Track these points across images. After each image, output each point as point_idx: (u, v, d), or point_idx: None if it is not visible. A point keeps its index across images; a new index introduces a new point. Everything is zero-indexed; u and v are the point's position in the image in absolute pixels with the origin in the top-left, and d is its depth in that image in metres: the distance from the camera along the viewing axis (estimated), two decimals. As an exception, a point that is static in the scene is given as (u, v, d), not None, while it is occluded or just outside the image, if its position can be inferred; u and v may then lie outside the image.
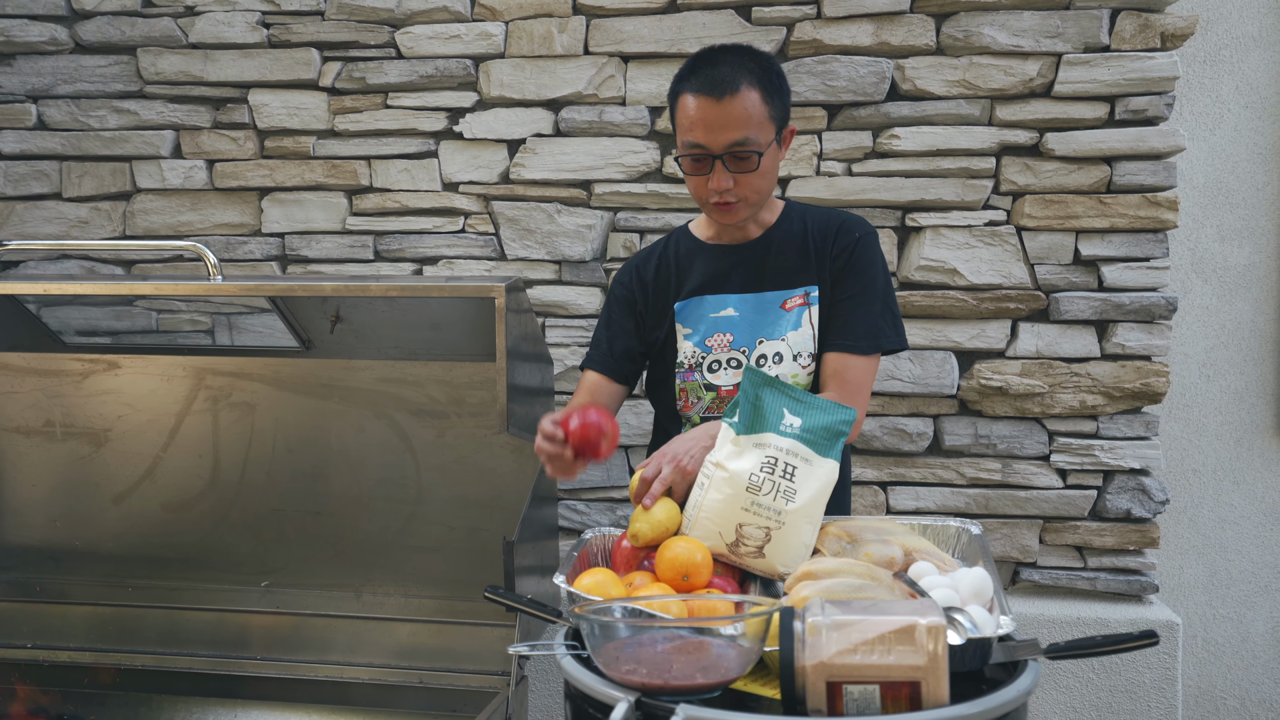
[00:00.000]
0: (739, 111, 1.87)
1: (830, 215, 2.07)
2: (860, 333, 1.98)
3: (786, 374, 1.99)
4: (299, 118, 2.94)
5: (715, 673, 1.33)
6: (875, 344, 1.99)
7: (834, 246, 2.02)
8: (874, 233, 2.04)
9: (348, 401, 2.47)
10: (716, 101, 1.87)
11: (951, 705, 1.29)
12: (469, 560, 2.42)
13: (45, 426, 2.61)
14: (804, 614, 1.34)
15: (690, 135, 1.91)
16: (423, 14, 2.86)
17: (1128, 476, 2.74)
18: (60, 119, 3.03)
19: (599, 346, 2.14)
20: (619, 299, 2.14)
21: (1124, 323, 2.71)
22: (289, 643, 2.46)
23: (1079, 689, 2.75)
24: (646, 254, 2.15)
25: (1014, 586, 2.83)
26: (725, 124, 1.87)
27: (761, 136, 1.90)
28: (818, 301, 2.01)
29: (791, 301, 2.01)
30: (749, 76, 1.89)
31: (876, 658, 1.30)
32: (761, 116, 1.90)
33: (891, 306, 2.03)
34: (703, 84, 1.88)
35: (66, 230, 3.04)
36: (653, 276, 2.11)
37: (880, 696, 1.29)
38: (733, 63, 1.89)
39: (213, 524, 2.57)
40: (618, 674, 1.34)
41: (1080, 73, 2.66)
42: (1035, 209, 2.71)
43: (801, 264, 2.02)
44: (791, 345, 1.99)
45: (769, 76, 1.92)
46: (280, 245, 2.99)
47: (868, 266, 2.01)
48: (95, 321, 2.97)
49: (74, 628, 2.51)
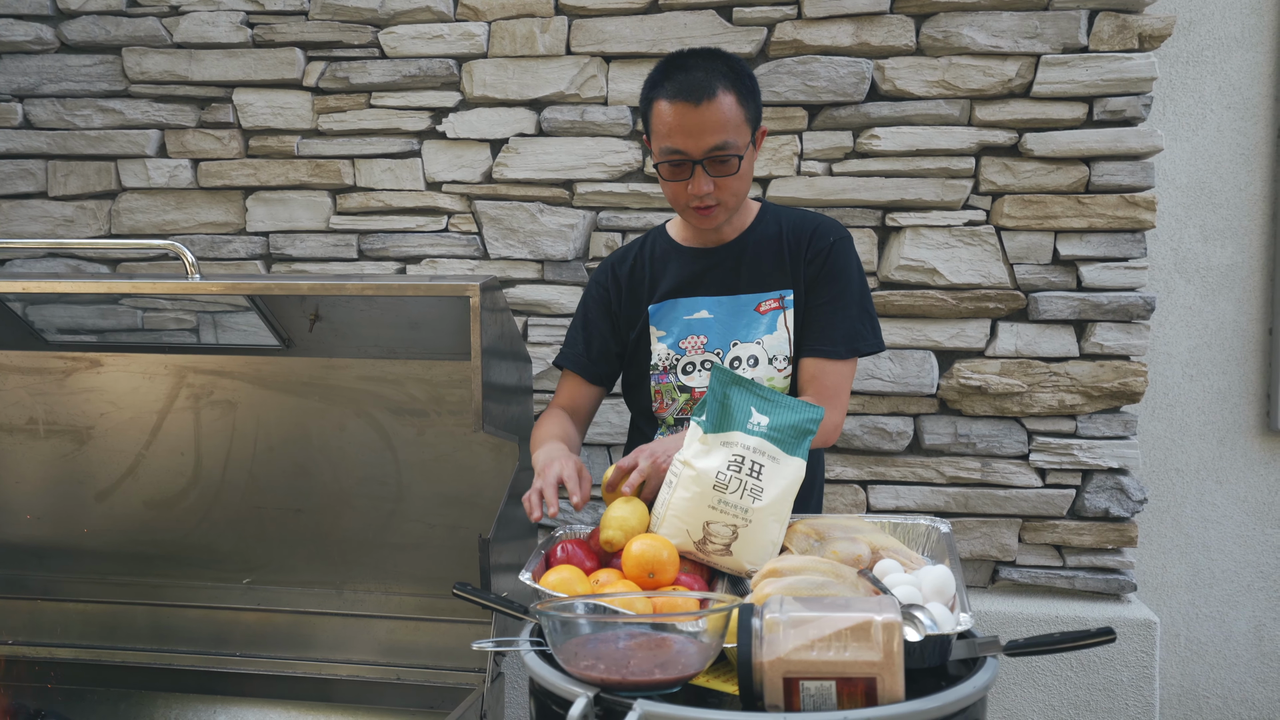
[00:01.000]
0: (717, 116, 1.88)
1: (805, 218, 2.08)
2: (837, 337, 2.00)
3: (762, 377, 2.00)
4: (283, 117, 2.95)
5: (674, 669, 1.34)
6: (853, 348, 2.01)
7: (809, 250, 2.03)
8: (848, 236, 2.06)
9: (328, 400, 2.48)
10: (695, 107, 1.88)
11: (907, 701, 1.30)
12: (449, 558, 2.43)
13: (29, 424, 2.63)
14: (762, 611, 1.36)
15: (669, 141, 1.91)
16: (406, 14, 2.88)
17: (1106, 476, 2.76)
18: (46, 118, 3.04)
19: (574, 346, 2.16)
20: (595, 298, 2.15)
21: (1102, 322, 2.72)
22: (270, 639, 2.48)
23: (1057, 687, 2.76)
24: (623, 253, 2.17)
25: (993, 585, 2.84)
26: (704, 129, 1.88)
27: (739, 139, 1.92)
28: (793, 305, 2.02)
29: (766, 305, 2.02)
30: (723, 80, 1.90)
31: (833, 654, 1.31)
32: (738, 119, 1.92)
33: (868, 309, 2.05)
34: (679, 90, 1.89)
35: (52, 229, 3.06)
36: (627, 276, 2.12)
37: (836, 692, 1.31)
38: (706, 67, 1.90)
39: (195, 521, 2.59)
40: (577, 670, 1.36)
41: (1059, 73, 2.67)
42: (1014, 209, 2.72)
43: (776, 267, 2.03)
44: (767, 349, 2.01)
45: (741, 79, 1.93)
46: (265, 244, 3.00)
47: (843, 270, 2.02)
48: (81, 320, 2.98)
49: (57, 624, 2.53)
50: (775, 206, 2.12)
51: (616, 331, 2.13)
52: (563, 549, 1.71)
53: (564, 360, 2.17)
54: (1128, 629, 2.73)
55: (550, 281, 2.90)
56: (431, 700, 2.26)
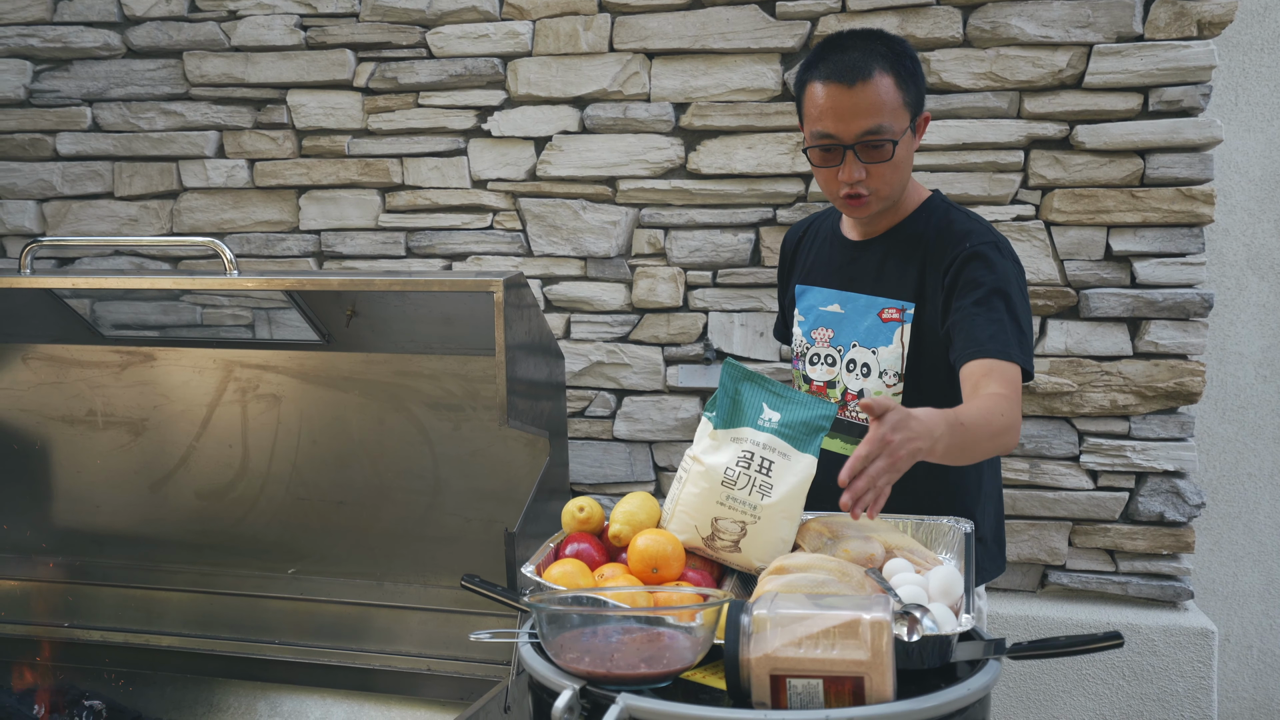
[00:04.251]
0: (872, 98, 1.78)
1: (955, 223, 1.89)
2: (983, 337, 1.76)
3: (871, 390, 1.89)
4: (334, 117, 3.01)
5: (659, 663, 1.34)
6: (1005, 354, 1.76)
7: (945, 258, 1.85)
8: (995, 243, 1.84)
9: (368, 394, 2.53)
10: (848, 88, 1.78)
11: (896, 701, 1.28)
12: (484, 552, 2.45)
13: (88, 416, 2.73)
14: (751, 607, 1.34)
15: (820, 125, 1.81)
16: (452, 14, 2.91)
17: (1161, 479, 2.66)
18: (113, 121, 3.15)
19: (778, 317, 2.21)
20: (780, 265, 2.16)
21: (1157, 320, 2.63)
22: (312, 629, 2.53)
23: (1109, 695, 2.68)
24: (802, 222, 2.12)
25: (1042, 590, 2.77)
26: (857, 112, 1.78)
27: (896, 124, 1.80)
28: (912, 320, 1.87)
29: (889, 313, 1.90)
30: (881, 62, 1.80)
31: (820, 652, 1.29)
32: (895, 103, 1.80)
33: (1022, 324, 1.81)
34: (832, 71, 1.79)
35: (118, 228, 3.17)
36: (794, 246, 2.10)
37: (824, 691, 1.29)
38: (863, 48, 1.81)
39: (243, 512, 2.66)
40: (564, 662, 1.36)
41: (1112, 63, 2.59)
42: (1064, 203, 2.64)
43: (908, 274, 1.88)
44: (880, 360, 1.89)
45: (902, 61, 1.82)
46: (317, 242, 3.07)
47: (985, 277, 1.81)
48: (144, 316, 3.09)
49: (109, 609, 2.61)
50: (941, 202, 1.93)
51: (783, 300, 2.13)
52: (573, 543, 1.71)
53: (775, 332, 2.23)
54: (1184, 638, 2.64)
55: (593, 278, 2.91)
56: (461, 691, 2.29)
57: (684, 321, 2.87)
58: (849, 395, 1.92)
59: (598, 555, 1.70)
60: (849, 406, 1.92)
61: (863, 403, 1.45)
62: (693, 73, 2.80)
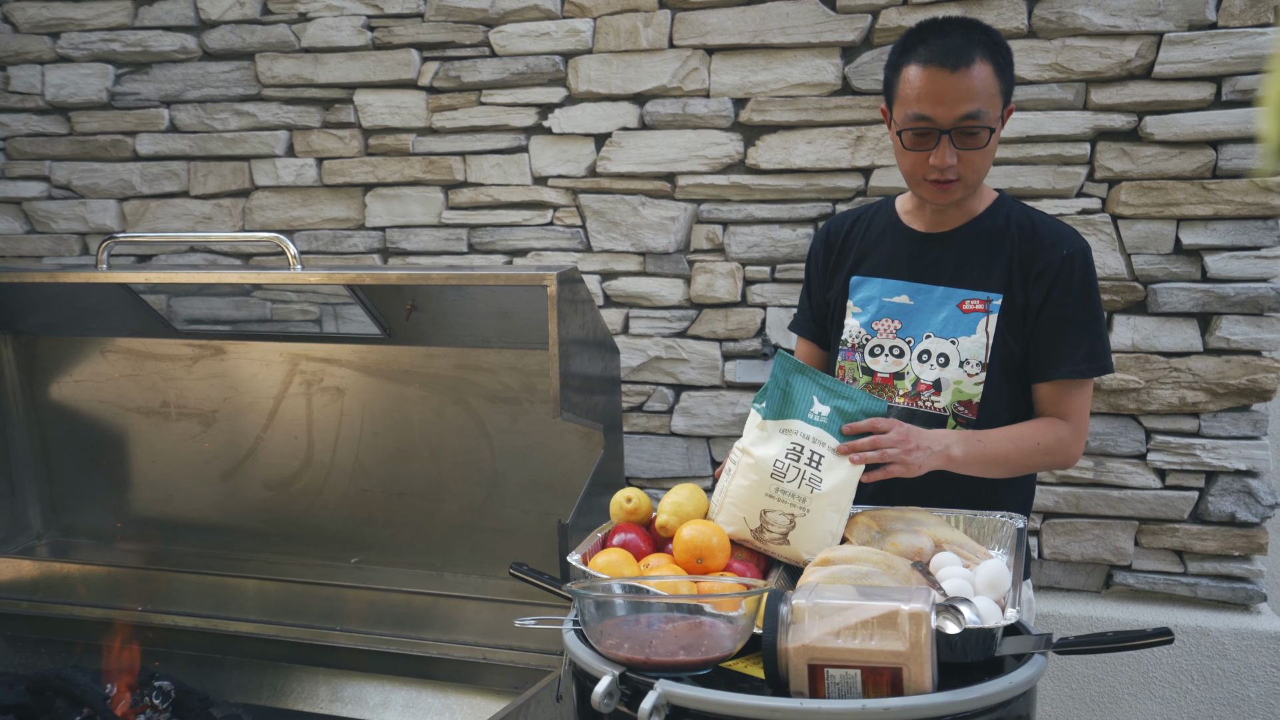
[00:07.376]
0: (973, 84, 1.78)
1: (1042, 222, 1.92)
2: (1079, 357, 1.87)
3: (949, 379, 1.89)
4: (399, 116, 3.06)
5: (698, 651, 1.34)
6: (1098, 366, 1.88)
7: (1040, 260, 1.87)
8: (1088, 248, 1.90)
9: (427, 387, 2.57)
10: (950, 73, 1.77)
11: (934, 693, 1.27)
12: (541, 544, 2.46)
13: (161, 407, 2.82)
14: (790, 597, 1.34)
15: (916, 107, 1.80)
16: (515, 13, 2.95)
17: (1232, 478, 2.59)
18: (189, 122, 3.24)
19: (802, 310, 2.13)
20: (812, 259, 2.11)
21: (1229, 315, 2.56)
22: (374, 617, 2.57)
23: (1176, 699, 2.61)
24: (848, 214, 2.10)
25: (1108, 590, 2.71)
26: (958, 96, 1.78)
27: (992, 112, 1.80)
28: (998, 311, 1.88)
29: (971, 304, 1.89)
30: (983, 49, 1.80)
31: (859, 642, 1.29)
32: (993, 91, 1.80)
33: (1103, 327, 1.91)
34: (934, 54, 1.78)
35: (193, 226, 3.26)
36: (842, 238, 2.05)
37: (861, 681, 1.28)
38: (965, 34, 1.81)
39: (308, 502, 2.72)
40: (605, 649, 1.37)
41: (1183, 52, 2.53)
42: (1132, 196, 2.59)
43: (993, 267, 1.89)
44: (961, 350, 1.89)
45: (1000, 50, 1.83)
46: (382, 239, 3.13)
47: (1081, 285, 1.87)
48: (217, 311, 3.18)
49: (180, 594, 2.69)
50: (1014, 201, 1.96)
51: (822, 288, 2.09)
52: (620, 533, 1.72)
53: (794, 325, 2.16)
54: (1256, 641, 2.56)
55: (651, 274, 2.92)
56: (516, 681, 2.32)
57: (742, 317, 2.87)
58: (921, 385, 1.91)
59: (644, 546, 1.71)
60: (921, 396, 1.90)
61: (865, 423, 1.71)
62: (752, 68, 2.80)
